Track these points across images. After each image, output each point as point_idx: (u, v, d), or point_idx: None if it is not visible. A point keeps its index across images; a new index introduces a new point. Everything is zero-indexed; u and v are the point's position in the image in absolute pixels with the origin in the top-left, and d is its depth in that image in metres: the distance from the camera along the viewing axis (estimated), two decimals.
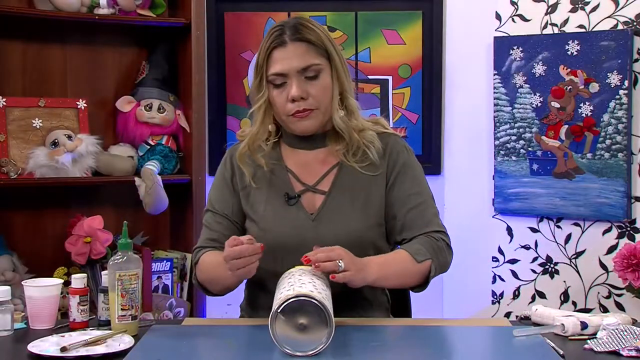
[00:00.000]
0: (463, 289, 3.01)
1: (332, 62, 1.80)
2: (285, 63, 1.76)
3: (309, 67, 1.76)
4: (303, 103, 1.77)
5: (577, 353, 1.51)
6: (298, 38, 1.77)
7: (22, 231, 2.72)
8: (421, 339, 1.65)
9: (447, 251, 1.81)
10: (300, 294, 1.46)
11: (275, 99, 1.79)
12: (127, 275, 1.63)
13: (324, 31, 1.82)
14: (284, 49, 1.77)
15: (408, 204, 1.82)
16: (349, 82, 1.85)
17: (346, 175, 1.83)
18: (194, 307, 2.77)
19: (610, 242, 2.68)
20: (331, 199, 1.81)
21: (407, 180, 1.84)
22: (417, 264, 1.73)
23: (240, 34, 3.06)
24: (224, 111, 3.09)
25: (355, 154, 1.84)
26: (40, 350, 1.50)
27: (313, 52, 1.77)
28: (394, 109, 3.09)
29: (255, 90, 1.83)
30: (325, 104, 1.79)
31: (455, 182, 3.06)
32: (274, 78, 1.77)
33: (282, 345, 1.45)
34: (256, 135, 1.84)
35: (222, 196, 1.88)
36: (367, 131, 1.85)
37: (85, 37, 2.80)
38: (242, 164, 1.86)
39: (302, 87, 1.76)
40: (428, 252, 1.75)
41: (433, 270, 1.75)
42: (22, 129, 2.62)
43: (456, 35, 3.04)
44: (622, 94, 2.60)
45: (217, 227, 1.86)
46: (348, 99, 1.83)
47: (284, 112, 1.79)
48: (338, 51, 1.83)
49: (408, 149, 1.89)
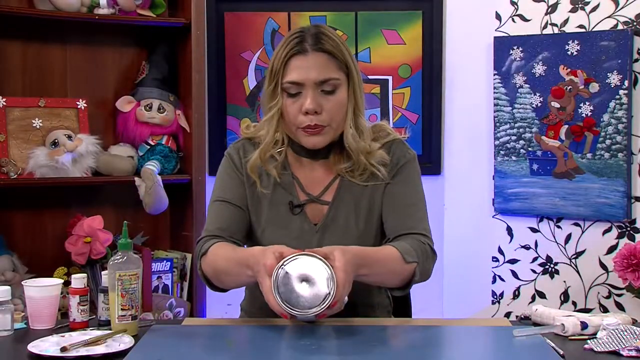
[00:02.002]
0: (463, 289, 3.01)
1: (350, 78, 1.75)
2: (304, 72, 1.70)
3: (328, 80, 1.71)
4: (315, 118, 1.71)
5: (577, 353, 1.51)
6: (320, 48, 1.71)
7: (22, 231, 2.72)
8: (421, 339, 1.65)
9: (431, 257, 1.77)
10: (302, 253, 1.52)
11: (288, 108, 1.73)
12: (127, 275, 1.63)
13: (344, 43, 1.77)
14: (304, 57, 1.71)
15: (398, 204, 1.80)
16: (363, 99, 1.79)
17: (349, 185, 1.81)
18: (194, 307, 2.77)
19: (610, 242, 2.68)
20: (334, 210, 1.80)
21: (402, 183, 1.82)
22: (404, 265, 1.68)
23: (240, 34, 3.06)
24: (224, 111, 3.09)
25: (361, 174, 1.80)
26: (40, 350, 1.50)
27: (333, 65, 1.72)
28: (394, 109, 3.09)
29: (268, 97, 1.76)
30: (338, 121, 1.75)
31: (455, 182, 3.06)
32: (289, 86, 1.72)
33: (284, 301, 1.49)
34: (269, 146, 1.79)
35: (231, 185, 1.82)
36: (375, 153, 1.80)
37: (85, 37, 2.80)
38: (252, 173, 1.80)
39: (317, 100, 1.70)
40: (416, 255, 1.70)
41: (417, 275, 1.70)
42: (22, 129, 2.62)
43: (456, 35, 3.04)
44: (622, 94, 2.61)
45: (228, 215, 1.80)
46: (359, 117, 1.78)
47: (295, 123, 1.74)
48: (356, 66, 1.77)
49: (410, 154, 1.86)
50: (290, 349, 1.55)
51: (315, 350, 1.51)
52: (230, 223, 1.79)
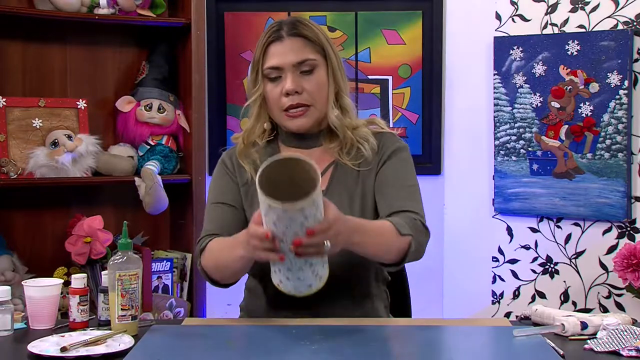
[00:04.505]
0: (463, 289, 3.01)
1: (328, 60, 1.82)
2: (281, 57, 1.78)
3: (305, 61, 1.78)
4: (297, 97, 1.78)
5: (577, 353, 1.51)
6: (295, 33, 1.79)
7: (22, 231, 2.72)
8: (421, 339, 1.65)
9: (424, 233, 1.77)
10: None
11: (270, 93, 1.80)
12: (127, 275, 1.63)
13: (320, 30, 1.84)
14: (280, 43, 1.79)
15: (390, 184, 1.81)
16: (345, 81, 1.86)
17: (342, 173, 1.84)
18: (194, 307, 2.77)
19: (610, 242, 2.68)
20: (329, 198, 1.80)
21: (393, 166, 1.84)
22: (399, 237, 1.68)
23: (240, 34, 3.06)
24: (224, 111, 3.09)
25: (349, 152, 1.84)
26: (40, 350, 1.50)
27: (309, 47, 1.80)
28: (394, 109, 3.09)
29: (251, 85, 1.84)
30: (320, 101, 1.81)
31: (455, 182, 3.06)
32: (269, 72, 1.79)
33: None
34: (251, 130, 1.86)
35: (226, 188, 1.87)
36: (361, 128, 1.86)
37: (85, 37, 2.80)
38: (242, 159, 1.86)
39: (296, 81, 1.78)
40: (410, 229, 1.71)
41: (413, 247, 1.70)
42: (22, 129, 2.62)
43: (456, 35, 3.04)
44: (622, 94, 2.61)
45: (224, 216, 1.84)
46: (343, 97, 1.84)
47: (278, 106, 1.80)
48: (334, 49, 1.84)
49: (401, 144, 1.88)
50: (290, 349, 1.54)
51: (315, 350, 1.51)
52: (226, 222, 1.83)
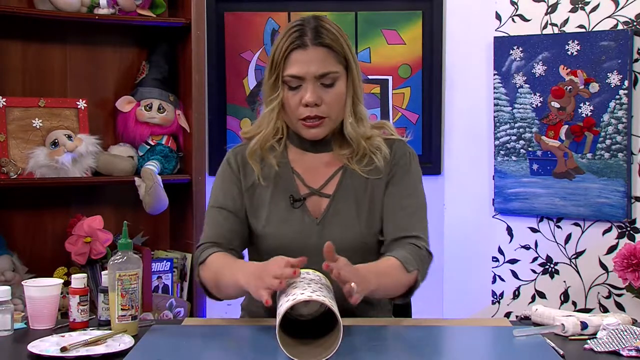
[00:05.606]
0: (463, 289, 3.01)
1: (349, 70, 1.80)
2: (304, 67, 1.74)
3: (327, 74, 1.75)
4: (315, 109, 1.75)
5: (577, 353, 1.51)
6: (319, 42, 1.75)
7: (22, 231, 2.72)
8: (421, 339, 1.65)
9: (427, 260, 1.79)
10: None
11: (289, 101, 1.77)
12: (127, 275, 1.63)
13: (342, 34, 1.82)
14: (304, 51, 1.75)
15: (396, 205, 1.81)
16: (361, 89, 1.84)
17: (350, 178, 1.83)
18: (194, 307, 2.77)
19: (610, 242, 2.68)
20: (336, 203, 1.81)
21: (402, 184, 1.83)
22: (407, 274, 1.71)
23: (240, 34, 3.06)
24: (224, 111, 3.08)
25: (360, 160, 1.83)
26: (40, 350, 1.50)
27: (332, 58, 1.77)
28: (394, 109, 3.09)
29: (269, 90, 1.80)
30: (337, 112, 1.79)
31: (455, 182, 3.06)
32: (290, 80, 1.76)
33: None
34: (269, 135, 1.83)
35: (229, 193, 1.85)
36: (375, 138, 1.84)
37: (85, 37, 2.80)
38: (251, 160, 1.84)
39: (317, 93, 1.75)
40: (416, 262, 1.73)
41: (420, 281, 1.75)
42: (22, 129, 2.62)
43: (456, 35, 3.04)
44: (622, 94, 2.61)
45: (225, 223, 1.82)
46: (358, 105, 1.82)
47: (295, 115, 1.77)
48: (355, 58, 1.82)
49: (412, 154, 1.88)
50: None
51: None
52: (227, 231, 1.82)
